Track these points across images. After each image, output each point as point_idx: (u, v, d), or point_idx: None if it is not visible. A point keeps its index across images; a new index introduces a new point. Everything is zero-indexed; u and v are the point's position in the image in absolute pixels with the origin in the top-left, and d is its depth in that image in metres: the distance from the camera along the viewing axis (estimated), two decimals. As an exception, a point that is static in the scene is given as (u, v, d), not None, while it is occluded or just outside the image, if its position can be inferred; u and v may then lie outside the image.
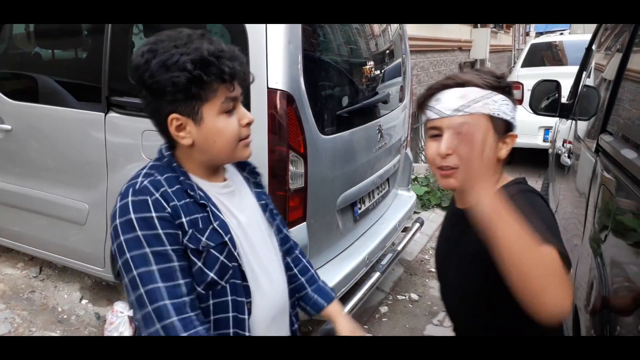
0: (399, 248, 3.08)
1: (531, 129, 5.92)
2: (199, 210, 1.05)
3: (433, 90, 1.10)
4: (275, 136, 2.06)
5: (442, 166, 1.08)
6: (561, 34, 10.20)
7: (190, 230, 1.02)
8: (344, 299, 2.47)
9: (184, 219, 1.02)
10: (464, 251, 1.14)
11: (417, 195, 3.97)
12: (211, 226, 1.05)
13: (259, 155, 2.08)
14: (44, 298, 3.06)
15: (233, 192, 1.16)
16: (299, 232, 2.19)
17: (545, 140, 5.77)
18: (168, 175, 1.06)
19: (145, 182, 1.03)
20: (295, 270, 1.35)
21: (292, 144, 2.09)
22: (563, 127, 3.35)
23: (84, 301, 3.05)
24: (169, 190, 1.03)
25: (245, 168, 1.26)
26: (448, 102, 1.07)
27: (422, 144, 7.77)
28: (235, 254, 1.07)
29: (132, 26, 2.46)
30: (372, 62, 2.94)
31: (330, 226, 2.53)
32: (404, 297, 3.39)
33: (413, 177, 4.79)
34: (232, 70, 1.00)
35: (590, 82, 2.73)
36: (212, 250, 1.04)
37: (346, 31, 2.77)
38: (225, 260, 1.06)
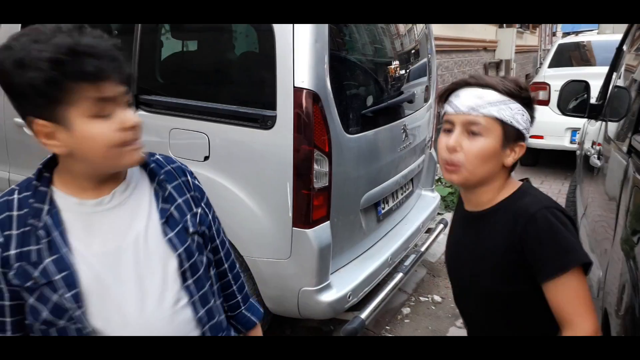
0: (422, 249, 3.06)
1: (558, 130, 5.80)
2: (37, 241, 0.93)
3: (455, 86, 1.14)
4: (301, 135, 2.07)
5: (446, 160, 1.12)
6: (581, 36, 9.98)
7: (18, 265, 0.92)
8: (366, 299, 2.47)
9: (12, 252, 0.92)
10: (478, 254, 1.17)
11: (440, 196, 3.93)
12: (45, 260, 0.92)
13: (284, 154, 2.09)
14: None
15: (114, 209, 0.99)
16: (323, 231, 2.19)
17: (572, 142, 5.65)
18: (25, 195, 0.95)
19: None
20: (234, 287, 1.23)
21: (317, 143, 2.10)
22: (592, 128, 3.28)
23: None
24: (15, 214, 0.94)
25: (155, 178, 1.06)
26: (465, 99, 1.10)
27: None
28: (68, 296, 0.92)
29: (161, 25, 2.49)
30: (397, 62, 2.92)
31: (354, 226, 2.53)
32: (426, 299, 3.36)
33: (437, 177, 4.75)
34: (97, 69, 0.86)
35: (620, 82, 2.67)
36: (43, 288, 0.92)
37: (372, 30, 2.77)
38: (59, 300, 0.92)
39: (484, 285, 1.15)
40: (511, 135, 1.11)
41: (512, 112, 1.09)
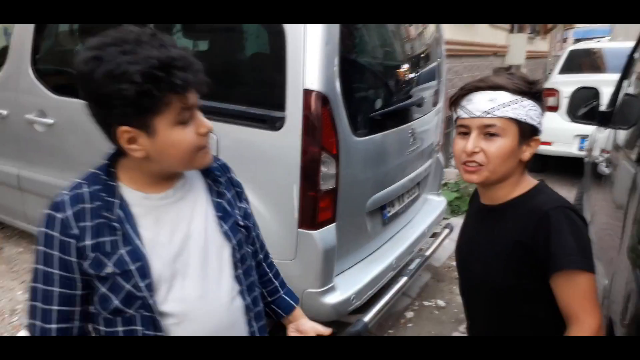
0: (427, 253, 3.05)
1: (566, 137, 5.77)
2: (111, 233, 0.99)
3: (465, 91, 1.17)
4: (309, 137, 2.07)
5: (466, 162, 1.16)
6: (598, 41, 9.92)
7: (94, 255, 0.98)
8: (370, 303, 2.47)
9: (88, 242, 0.98)
10: (490, 248, 1.20)
11: (447, 200, 3.92)
12: (119, 251, 0.99)
13: (291, 155, 2.10)
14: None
15: (176, 202, 1.07)
16: (328, 233, 2.20)
17: (580, 149, 5.62)
18: (95, 189, 1.01)
19: (65, 197, 1.00)
20: (271, 274, 1.35)
21: (324, 145, 2.10)
22: (601, 135, 3.26)
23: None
24: (88, 207, 0.99)
25: (209, 175, 1.15)
26: (479, 103, 1.14)
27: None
28: (142, 285, 0.99)
29: (172, 25, 2.51)
30: (407, 65, 2.92)
31: (359, 228, 2.53)
32: (430, 304, 3.35)
33: (443, 182, 4.74)
34: (185, 81, 0.93)
35: (631, 90, 2.65)
36: (117, 277, 0.98)
37: (382, 33, 2.77)
38: (132, 290, 0.99)
39: (494, 279, 1.19)
40: (527, 131, 1.15)
41: (525, 109, 1.13)
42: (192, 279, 1.05)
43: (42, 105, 2.95)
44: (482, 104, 1.13)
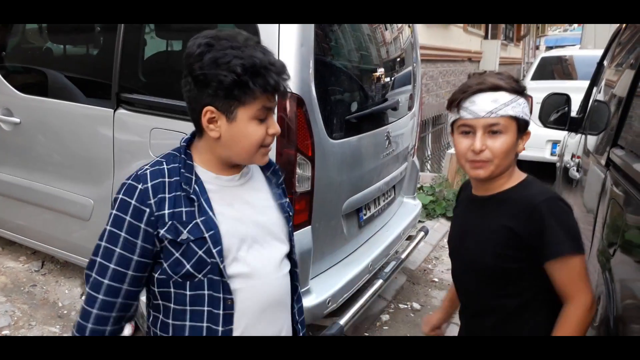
0: (403, 256, 3.06)
1: (539, 142, 5.88)
2: (188, 204, 1.10)
3: (468, 94, 1.24)
4: (284, 139, 2.05)
5: (473, 160, 1.24)
6: (564, 50, 10.18)
7: (170, 222, 1.08)
8: (346, 306, 2.46)
9: (166, 211, 1.08)
10: (483, 234, 1.30)
11: (422, 204, 3.95)
12: (195, 221, 1.09)
13: (266, 157, 2.08)
14: (44, 292, 3.06)
15: (244, 185, 1.20)
16: (303, 236, 2.18)
17: (552, 153, 5.74)
18: (174, 166, 1.12)
19: (147, 171, 1.11)
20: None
21: (300, 147, 2.09)
22: (572, 141, 3.33)
23: (84, 297, 3.04)
24: (167, 181, 1.10)
25: (270, 168, 1.29)
26: (482, 104, 1.22)
27: (429, 152, 7.75)
28: (215, 251, 1.09)
29: (145, 25, 2.46)
30: (382, 69, 2.93)
31: (335, 231, 2.52)
32: (405, 306, 3.36)
33: (419, 185, 4.77)
34: (277, 84, 1.06)
35: (600, 97, 2.71)
36: (191, 244, 1.09)
37: (358, 37, 2.77)
38: (203, 255, 1.09)
39: (485, 262, 1.28)
40: (523, 127, 1.26)
41: (521, 106, 1.24)
42: (255, 249, 1.16)
43: (8, 104, 2.86)
44: (486, 105, 1.21)
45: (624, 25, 2.62)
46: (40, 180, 2.82)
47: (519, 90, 1.24)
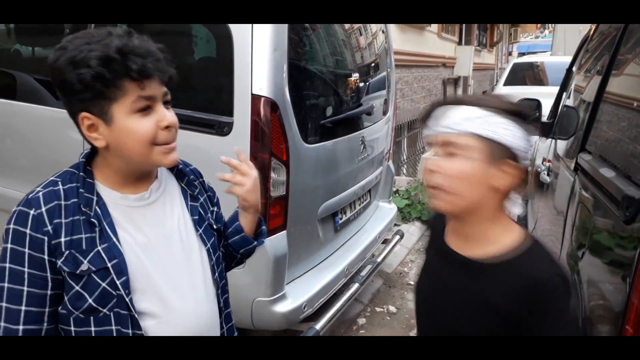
0: (379, 260, 3.08)
1: (511, 146, 5.98)
2: (88, 230, 0.98)
3: (432, 107, 1.05)
4: (258, 143, 2.04)
5: (428, 184, 1.02)
6: (535, 56, 10.42)
7: (68, 252, 0.96)
8: (322, 310, 2.45)
9: (62, 239, 0.96)
10: (466, 305, 1.03)
11: (397, 207, 3.98)
12: (96, 249, 0.97)
13: (240, 162, 2.06)
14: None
15: (151, 204, 1.06)
16: (278, 241, 2.17)
17: (524, 158, 5.84)
18: (70, 186, 1.00)
19: (39, 193, 0.98)
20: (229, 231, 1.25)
21: (274, 151, 2.08)
22: (543, 145, 3.40)
23: None
24: (63, 204, 0.98)
25: (185, 178, 1.16)
26: (440, 118, 1.02)
27: (404, 157, 7.82)
28: (119, 283, 0.97)
29: (117, 27, 2.42)
30: (357, 74, 2.95)
31: (311, 235, 2.51)
32: (382, 309, 3.38)
33: (394, 189, 4.80)
34: (142, 67, 0.93)
35: (570, 102, 2.78)
36: (93, 275, 0.96)
37: (332, 42, 2.78)
38: (107, 287, 0.97)
39: (467, 332, 1.02)
40: (497, 152, 0.97)
41: (492, 125, 0.97)
42: (170, 280, 1.05)
43: (-26, 108, 2.77)
44: (444, 119, 1.00)
45: (591, 32, 2.69)
46: (7, 185, 2.74)
47: (502, 108, 0.98)
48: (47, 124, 2.56)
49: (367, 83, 3.09)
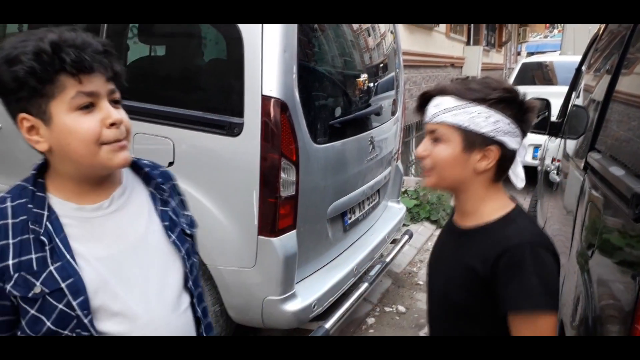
0: (388, 260, 3.08)
1: (521, 146, 5.96)
2: (38, 249, 0.90)
3: (421, 96, 1.16)
4: (268, 143, 2.06)
5: (421, 165, 1.16)
6: (544, 56, 10.36)
7: (17, 275, 0.89)
8: (331, 309, 2.47)
9: (10, 262, 0.89)
10: (452, 268, 1.16)
11: (406, 207, 3.98)
12: (48, 269, 0.89)
13: (250, 162, 2.08)
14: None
15: (113, 214, 0.98)
16: (288, 240, 2.18)
17: (534, 157, 5.82)
18: (20, 202, 0.92)
19: None
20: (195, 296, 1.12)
21: (284, 151, 2.09)
22: (552, 145, 3.39)
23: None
24: (10, 223, 0.90)
25: (152, 181, 1.07)
26: (429, 108, 1.13)
27: (413, 157, 7.81)
28: (75, 304, 0.89)
29: (127, 29, 2.45)
30: (366, 75, 2.96)
31: (320, 235, 2.53)
32: (391, 309, 3.38)
33: (403, 189, 4.80)
34: (76, 59, 0.85)
35: (579, 102, 2.77)
36: (47, 297, 0.89)
37: (341, 43, 2.80)
38: (65, 309, 0.89)
39: (452, 296, 1.15)
40: (474, 139, 1.08)
41: (470, 115, 1.06)
42: (139, 293, 0.97)
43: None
44: (430, 109, 1.12)
45: (601, 31, 2.68)
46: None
47: (479, 98, 1.06)
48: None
49: (376, 83, 3.10)
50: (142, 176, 1.07)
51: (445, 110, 1.09)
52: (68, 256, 0.91)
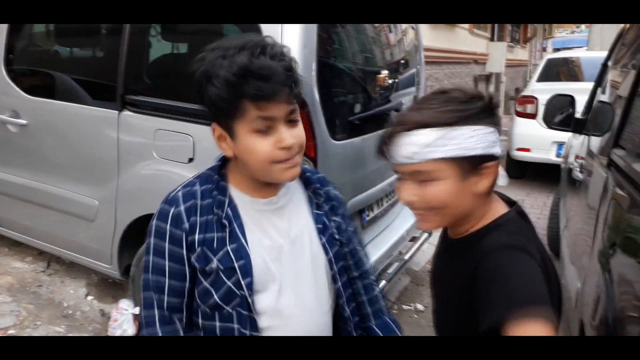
0: (406, 257, 3.06)
1: (544, 143, 5.87)
2: (219, 230, 1.03)
3: (382, 137, 1.00)
4: (286, 140, 2.07)
5: (412, 210, 1.02)
6: (571, 52, 10.13)
7: (200, 249, 1.02)
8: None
9: (196, 237, 1.02)
10: (445, 288, 1.09)
11: (426, 205, 3.95)
12: (225, 248, 1.02)
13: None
14: (50, 293, 3.09)
15: (279, 209, 1.10)
16: (305, 237, 2.19)
17: (558, 155, 5.72)
18: (206, 187, 1.06)
19: (179, 193, 1.05)
20: (364, 298, 1.22)
21: (302, 148, 2.10)
22: (576, 142, 3.32)
23: (89, 297, 3.07)
24: (199, 204, 1.04)
25: (311, 186, 1.17)
26: (398, 149, 0.96)
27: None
28: (244, 283, 1.02)
29: (150, 27, 2.49)
30: (386, 71, 2.94)
31: (338, 232, 2.53)
32: (409, 307, 3.37)
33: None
34: (257, 91, 0.93)
35: (604, 98, 2.71)
36: (220, 273, 1.02)
37: (361, 39, 2.78)
38: (232, 287, 1.02)
39: (450, 309, 1.07)
40: (469, 164, 0.95)
41: (456, 141, 0.92)
42: (290, 285, 1.08)
43: (15, 106, 2.89)
44: (401, 150, 0.95)
45: (627, 26, 2.62)
46: (46, 181, 2.85)
47: (460, 117, 0.93)
48: (84, 122, 2.65)
49: (396, 80, 3.08)
50: (303, 180, 1.17)
51: (426, 145, 0.92)
52: (242, 240, 1.04)
